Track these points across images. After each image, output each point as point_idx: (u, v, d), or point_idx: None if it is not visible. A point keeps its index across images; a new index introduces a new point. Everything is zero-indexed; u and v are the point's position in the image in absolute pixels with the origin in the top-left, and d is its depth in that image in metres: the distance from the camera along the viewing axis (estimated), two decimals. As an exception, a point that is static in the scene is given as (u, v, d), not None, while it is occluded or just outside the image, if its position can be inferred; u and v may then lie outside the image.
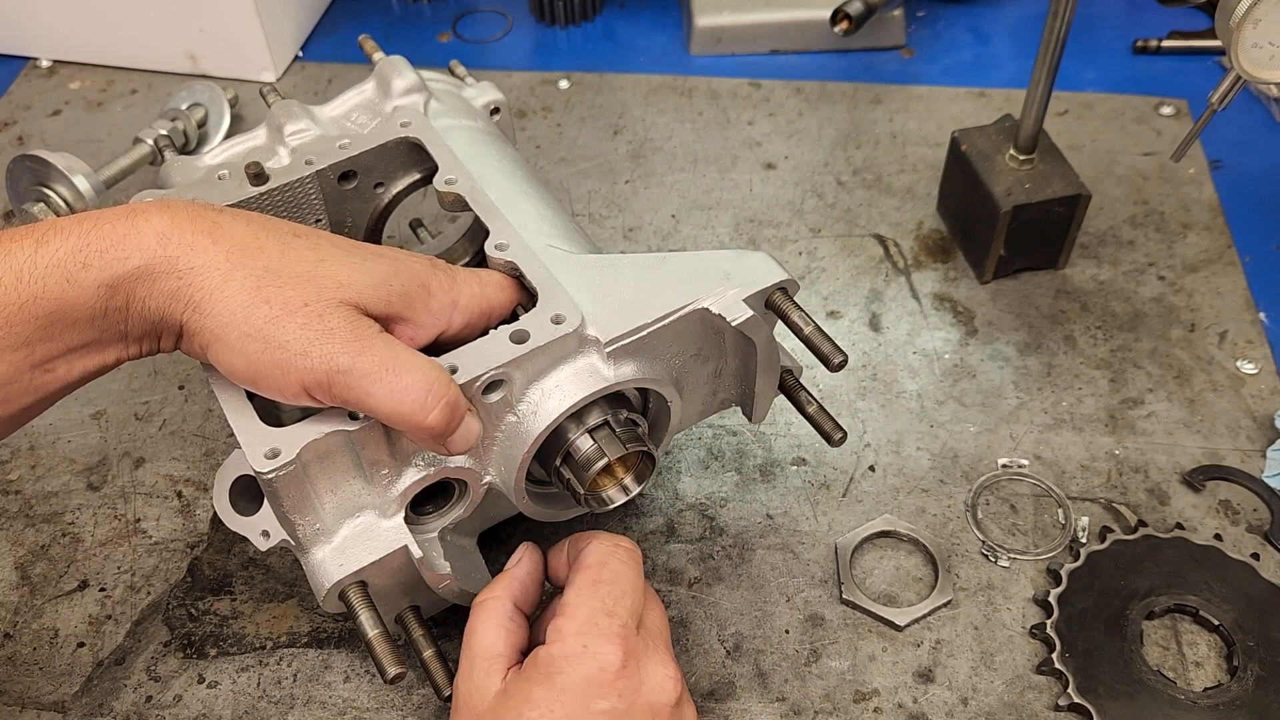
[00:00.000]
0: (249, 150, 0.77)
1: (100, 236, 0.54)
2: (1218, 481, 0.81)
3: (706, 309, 0.64)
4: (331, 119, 0.79)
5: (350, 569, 0.61)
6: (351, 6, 1.26)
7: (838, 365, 0.64)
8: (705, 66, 1.17)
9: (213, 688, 0.72)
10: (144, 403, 0.87)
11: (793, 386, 0.71)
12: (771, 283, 0.65)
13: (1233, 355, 0.88)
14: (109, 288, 0.54)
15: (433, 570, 0.64)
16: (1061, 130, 1.07)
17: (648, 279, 0.65)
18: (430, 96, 0.79)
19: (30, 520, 0.80)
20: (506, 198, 0.71)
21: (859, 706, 0.70)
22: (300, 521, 0.59)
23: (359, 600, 0.61)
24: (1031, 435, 0.84)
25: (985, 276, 0.94)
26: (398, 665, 0.59)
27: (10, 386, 0.55)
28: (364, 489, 0.61)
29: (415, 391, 0.55)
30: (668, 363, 0.65)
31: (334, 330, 0.55)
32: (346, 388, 0.55)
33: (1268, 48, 0.73)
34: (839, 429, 0.70)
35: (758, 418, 0.72)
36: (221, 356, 0.56)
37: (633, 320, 0.62)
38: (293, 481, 0.57)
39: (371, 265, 0.59)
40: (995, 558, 0.77)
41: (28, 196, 0.91)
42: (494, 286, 0.64)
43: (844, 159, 1.06)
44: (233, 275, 0.55)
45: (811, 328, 0.65)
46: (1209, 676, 0.70)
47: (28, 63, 1.20)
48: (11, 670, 0.73)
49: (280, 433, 0.57)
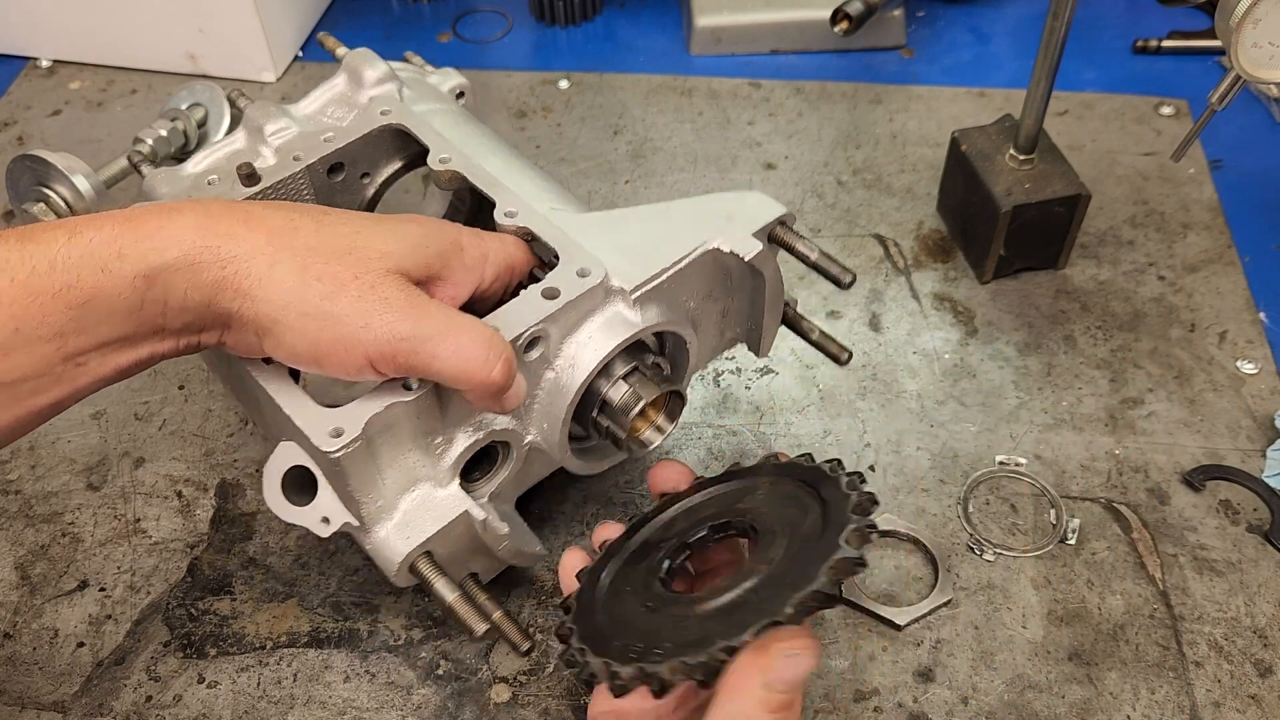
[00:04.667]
0: (230, 154, 0.76)
1: (135, 228, 0.54)
2: (1218, 481, 0.81)
3: (718, 248, 0.67)
4: (307, 116, 0.79)
5: (417, 540, 0.61)
6: (351, 6, 1.26)
7: (848, 284, 0.69)
8: (705, 66, 1.17)
9: (213, 688, 0.72)
10: (144, 403, 0.87)
11: (794, 317, 0.75)
12: (772, 217, 0.69)
13: (1233, 355, 0.88)
14: (146, 279, 0.54)
15: (493, 532, 0.65)
16: (1061, 130, 1.07)
17: (656, 228, 0.68)
18: (401, 84, 0.80)
19: (30, 520, 0.80)
20: (501, 169, 0.73)
21: (859, 706, 0.70)
22: (365, 499, 0.60)
23: (431, 569, 0.62)
24: (1031, 435, 0.84)
25: (985, 276, 0.94)
26: (483, 622, 0.61)
27: (40, 379, 0.54)
28: (420, 460, 0.62)
29: (478, 349, 0.56)
30: (684, 305, 0.68)
31: (389, 299, 0.55)
32: (411, 354, 0.55)
33: (1268, 48, 0.73)
34: (844, 349, 0.74)
35: (764, 351, 0.76)
36: (283, 340, 0.56)
37: (652, 267, 0.65)
38: (358, 459, 0.58)
39: (405, 231, 0.60)
40: (981, 551, 0.77)
41: (28, 196, 0.91)
42: (512, 244, 0.66)
43: (844, 159, 1.06)
44: (278, 258, 0.55)
45: (817, 253, 0.69)
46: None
47: (28, 63, 1.20)
48: (11, 670, 0.73)
49: (339, 412, 0.58)
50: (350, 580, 0.76)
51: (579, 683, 0.70)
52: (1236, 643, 0.72)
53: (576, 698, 0.71)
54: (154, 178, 0.75)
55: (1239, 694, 0.70)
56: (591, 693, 0.62)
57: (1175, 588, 0.75)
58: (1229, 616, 0.74)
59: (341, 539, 0.78)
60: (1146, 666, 0.72)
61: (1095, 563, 0.76)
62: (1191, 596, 0.75)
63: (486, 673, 0.72)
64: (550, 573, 0.77)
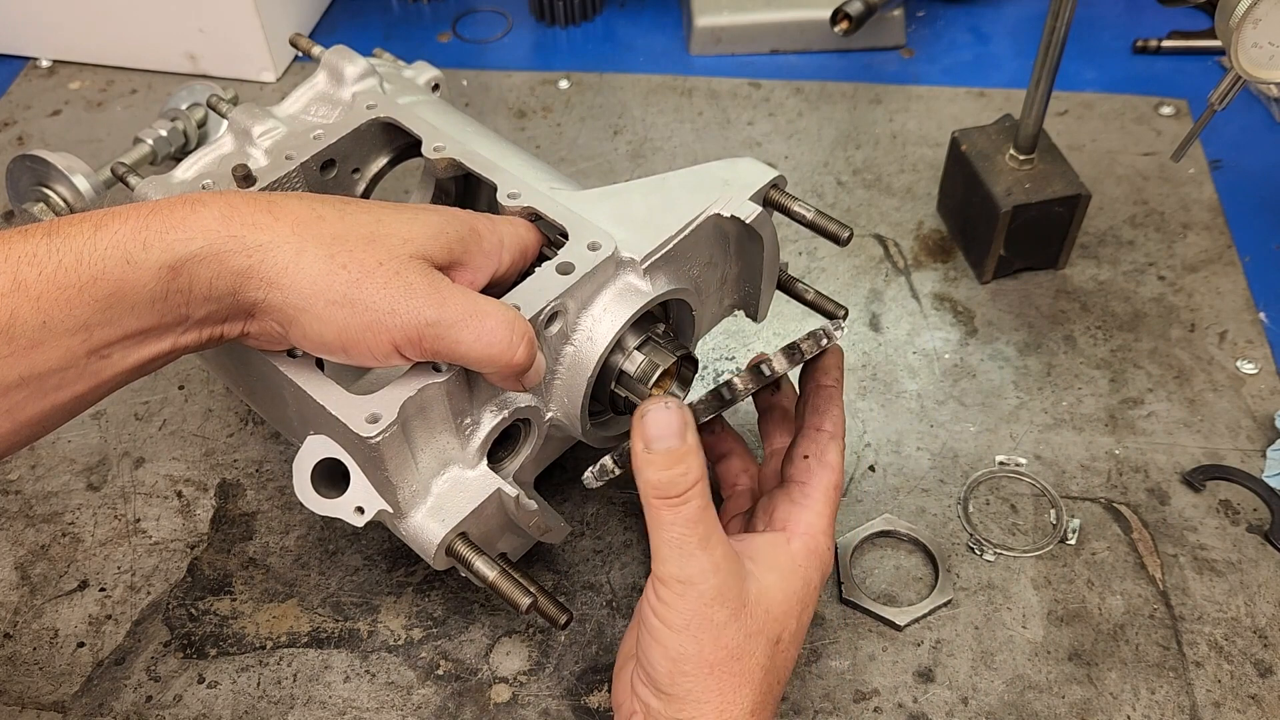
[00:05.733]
0: (219, 159, 0.76)
1: (160, 220, 0.54)
2: (1218, 481, 0.81)
3: (719, 214, 0.68)
4: (291, 115, 0.79)
5: (453, 522, 0.62)
6: (351, 6, 1.26)
7: (846, 240, 0.70)
8: (705, 66, 1.17)
9: (213, 688, 0.72)
10: (144, 403, 0.87)
11: (788, 280, 0.77)
12: (766, 181, 0.70)
13: (1233, 355, 0.88)
14: (171, 269, 0.54)
15: (525, 509, 0.65)
16: (1061, 130, 1.07)
17: (656, 199, 0.69)
18: (381, 79, 0.80)
19: (30, 520, 0.80)
20: (496, 154, 0.74)
21: (859, 706, 0.70)
22: (401, 484, 0.61)
23: (469, 550, 0.63)
24: (1031, 435, 0.84)
25: (985, 276, 0.94)
26: (527, 595, 0.61)
27: (66, 371, 0.54)
28: (450, 442, 0.62)
29: (501, 332, 0.57)
30: (689, 273, 0.70)
31: (414, 285, 0.56)
32: (437, 339, 0.56)
33: (1268, 48, 0.73)
34: (840, 306, 0.75)
35: (762, 316, 0.77)
36: (310, 329, 0.56)
37: (658, 236, 0.66)
38: (394, 443, 0.59)
39: (425, 218, 0.60)
40: (981, 551, 0.77)
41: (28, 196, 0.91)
42: (524, 227, 0.67)
43: (844, 159, 1.06)
44: (304, 247, 0.56)
45: (814, 212, 0.71)
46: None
47: (28, 63, 1.20)
48: (11, 670, 0.73)
49: (371, 399, 0.59)
50: (350, 580, 0.76)
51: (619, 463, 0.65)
52: (1236, 643, 0.73)
53: (577, 698, 0.71)
54: (144, 187, 0.75)
55: (1239, 694, 0.70)
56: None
57: (1175, 588, 0.75)
58: (1229, 616, 0.74)
59: (341, 538, 0.78)
60: (1146, 667, 0.72)
61: (1095, 563, 0.77)
62: (1191, 596, 0.75)
63: (486, 673, 0.72)
64: (562, 551, 0.77)
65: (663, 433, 0.57)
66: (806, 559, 0.63)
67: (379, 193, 0.80)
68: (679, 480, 0.56)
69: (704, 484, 0.57)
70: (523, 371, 0.59)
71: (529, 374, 0.60)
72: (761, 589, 0.60)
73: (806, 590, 0.62)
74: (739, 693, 0.58)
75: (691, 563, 0.57)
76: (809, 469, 0.66)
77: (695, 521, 0.57)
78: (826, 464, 0.66)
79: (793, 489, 0.66)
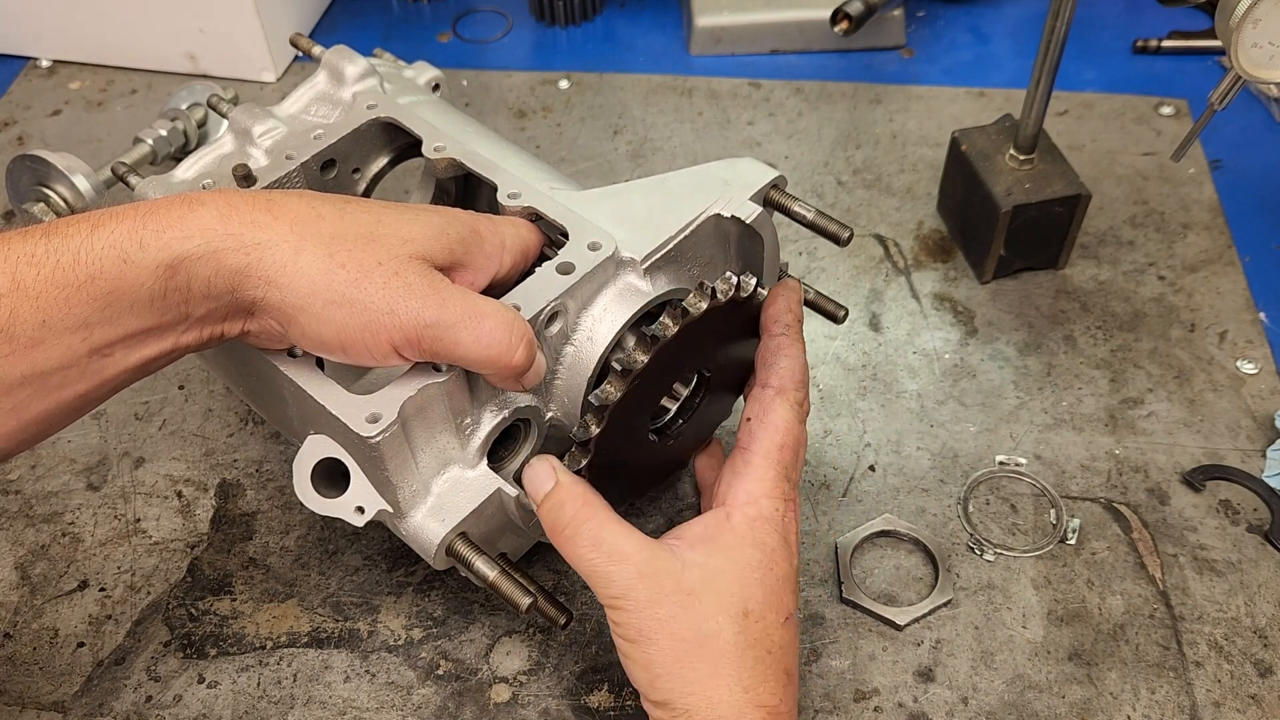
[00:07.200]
0: (219, 159, 0.76)
1: (157, 219, 0.54)
2: (1218, 481, 0.81)
3: (719, 214, 0.68)
4: (291, 115, 0.79)
5: (453, 522, 0.62)
6: (351, 6, 1.26)
7: (846, 240, 0.70)
8: (705, 66, 1.17)
9: (213, 688, 0.72)
10: (144, 403, 0.87)
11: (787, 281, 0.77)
12: (766, 181, 0.70)
13: (1233, 355, 0.88)
14: (169, 268, 0.54)
15: (525, 509, 0.65)
16: (1061, 130, 1.07)
17: (656, 199, 0.69)
18: (381, 79, 0.81)
19: (30, 520, 0.80)
20: (496, 153, 0.74)
21: (859, 706, 0.70)
22: (401, 484, 0.61)
23: (469, 549, 0.63)
24: (1031, 435, 0.84)
25: (985, 276, 0.94)
26: (527, 595, 0.61)
27: (68, 370, 0.54)
28: (450, 442, 0.63)
29: (500, 333, 0.57)
30: (689, 273, 0.70)
31: (413, 286, 0.56)
32: (435, 340, 0.56)
33: (1268, 48, 0.73)
34: (840, 306, 0.75)
35: None
36: (308, 328, 0.56)
37: (658, 236, 0.66)
38: (394, 443, 0.59)
39: (426, 219, 0.60)
40: (981, 551, 0.77)
41: (28, 196, 0.91)
42: (525, 228, 0.67)
43: (844, 159, 1.06)
44: (303, 246, 0.56)
45: (814, 212, 0.71)
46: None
47: (28, 63, 1.20)
48: (11, 670, 0.73)
49: (372, 398, 0.59)
50: (350, 580, 0.76)
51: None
52: (1236, 643, 0.73)
53: (577, 697, 0.71)
54: (144, 187, 0.75)
55: (1239, 694, 0.70)
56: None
57: (1175, 588, 0.75)
58: (1229, 616, 0.74)
59: (341, 538, 0.78)
60: (1146, 666, 0.72)
61: (1095, 563, 0.77)
62: (1191, 596, 0.75)
63: (486, 673, 0.72)
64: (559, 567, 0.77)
65: (538, 485, 0.61)
66: (750, 527, 0.61)
67: (379, 193, 0.80)
68: (560, 515, 0.60)
69: (590, 509, 0.60)
70: (522, 372, 0.59)
71: (528, 374, 0.60)
72: (707, 572, 0.60)
73: (764, 554, 0.61)
74: (718, 675, 0.58)
75: (609, 574, 0.59)
76: (750, 432, 0.64)
77: (595, 542, 0.59)
78: (769, 424, 0.64)
79: (735, 457, 0.65)
